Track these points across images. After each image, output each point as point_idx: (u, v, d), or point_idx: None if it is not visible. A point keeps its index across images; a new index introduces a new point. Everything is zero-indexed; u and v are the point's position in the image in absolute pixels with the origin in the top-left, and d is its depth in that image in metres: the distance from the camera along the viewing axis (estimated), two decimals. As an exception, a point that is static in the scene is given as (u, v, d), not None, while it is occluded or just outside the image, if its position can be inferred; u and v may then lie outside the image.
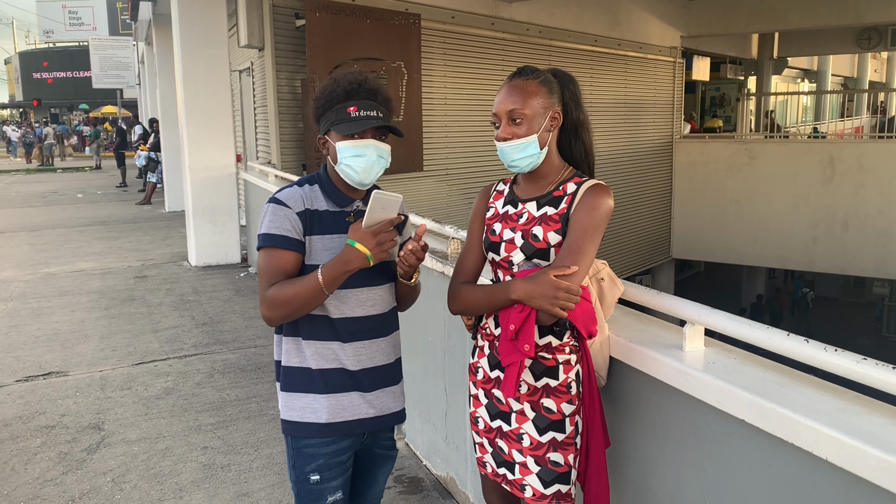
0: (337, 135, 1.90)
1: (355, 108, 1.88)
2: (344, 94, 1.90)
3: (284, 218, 1.88)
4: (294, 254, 1.88)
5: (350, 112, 1.88)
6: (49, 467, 3.62)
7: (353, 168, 1.89)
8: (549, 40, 10.70)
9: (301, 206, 1.91)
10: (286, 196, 1.92)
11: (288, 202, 1.90)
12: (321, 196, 1.95)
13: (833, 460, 1.42)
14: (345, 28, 7.90)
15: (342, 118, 1.88)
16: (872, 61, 30.35)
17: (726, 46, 16.93)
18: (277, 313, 1.86)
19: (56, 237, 10.49)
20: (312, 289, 1.82)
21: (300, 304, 1.84)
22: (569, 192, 1.86)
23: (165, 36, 12.76)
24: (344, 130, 1.88)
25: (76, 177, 21.93)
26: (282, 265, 1.87)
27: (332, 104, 1.91)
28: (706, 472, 1.77)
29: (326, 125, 1.92)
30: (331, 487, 1.97)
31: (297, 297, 1.83)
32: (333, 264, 1.82)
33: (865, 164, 12.04)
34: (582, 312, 1.78)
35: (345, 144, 1.88)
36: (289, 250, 1.87)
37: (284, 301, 1.83)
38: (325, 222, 1.92)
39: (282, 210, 1.89)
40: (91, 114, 40.68)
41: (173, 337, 5.73)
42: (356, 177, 1.91)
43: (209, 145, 8.38)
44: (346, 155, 1.89)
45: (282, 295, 1.83)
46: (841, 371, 1.55)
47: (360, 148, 1.88)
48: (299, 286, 1.83)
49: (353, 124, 1.87)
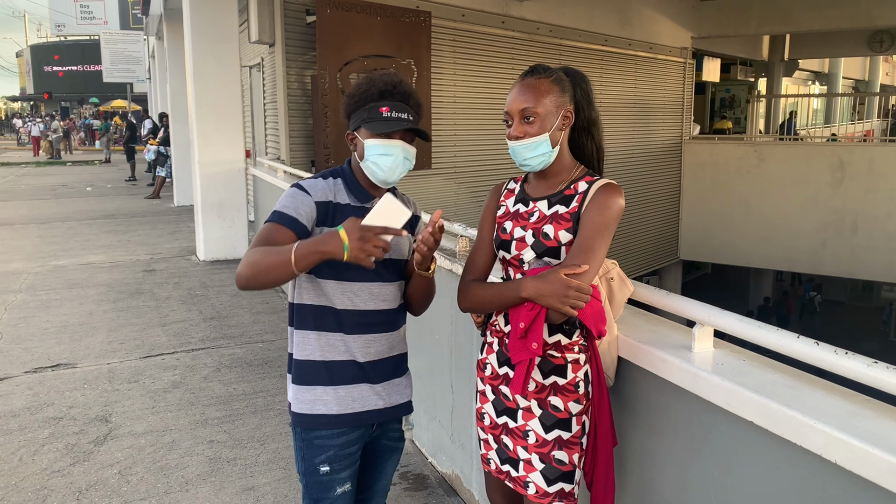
0: (367, 132, 1.93)
1: (388, 108, 1.91)
2: (378, 94, 1.93)
3: (301, 202, 1.90)
4: (293, 235, 1.86)
5: (382, 112, 1.91)
6: (56, 458, 3.64)
7: (379, 166, 1.92)
8: (559, 39, 10.69)
9: (322, 197, 1.93)
10: (309, 184, 1.96)
11: (310, 190, 1.93)
12: (343, 190, 1.98)
13: (842, 464, 1.41)
14: (355, 25, 7.91)
15: (374, 117, 1.91)
16: (884, 64, 30.19)
17: (737, 48, 16.88)
18: (245, 271, 1.80)
19: (65, 230, 10.54)
20: (282, 260, 1.75)
21: (264, 269, 1.78)
22: (580, 190, 1.86)
23: (176, 31, 12.80)
24: (374, 129, 1.91)
25: (85, 170, 22.02)
26: (275, 238, 1.84)
27: (365, 102, 1.94)
28: (713, 473, 1.77)
29: (357, 122, 1.95)
30: (340, 479, 1.99)
31: (264, 261, 1.78)
32: (309, 242, 1.76)
33: (876, 167, 11.98)
34: (592, 311, 1.78)
35: (373, 142, 1.91)
36: (290, 229, 1.87)
37: (253, 261, 1.79)
38: (346, 215, 1.91)
39: (301, 195, 1.92)
40: (101, 108, 40.85)
41: (181, 331, 5.75)
42: (381, 175, 1.94)
43: (218, 140, 8.40)
44: (373, 152, 1.92)
45: (253, 256, 1.80)
46: (851, 374, 1.54)
47: (389, 147, 1.91)
48: (272, 253, 1.78)
49: (383, 123, 1.90)
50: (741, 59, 18.40)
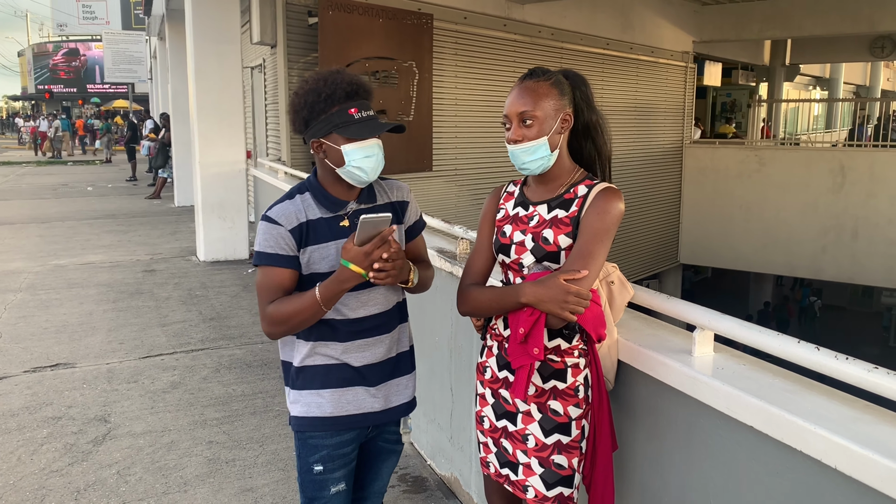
0: (341, 138, 1.87)
1: (356, 109, 1.87)
2: (345, 96, 1.87)
3: (277, 236, 1.88)
4: (288, 270, 1.90)
5: (352, 114, 1.86)
6: (55, 458, 3.64)
7: (362, 169, 1.89)
8: (560, 43, 10.69)
9: (294, 223, 1.89)
10: (277, 214, 1.90)
11: (279, 220, 1.89)
12: (313, 204, 1.93)
13: (842, 469, 1.41)
14: (357, 27, 7.92)
15: (348, 121, 1.86)
16: (885, 70, 30.19)
17: (738, 52, 16.90)
18: (278, 329, 1.90)
19: (65, 229, 10.54)
20: (310, 306, 1.85)
21: (300, 321, 1.88)
22: (580, 194, 1.86)
23: (178, 31, 12.82)
24: (353, 134, 1.86)
25: (86, 170, 22.02)
26: (277, 282, 1.89)
27: (331, 107, 1.87)
28: (713, 477, 1.77)
29: (326, 128, 1.87)
30: (333, 478, 2.00)
31: (296, 314, 1.86)
32: (329, 284, 1.84)
33: (877, 172, 11.98)
34: (591, 316, 1.78)
35: (353, 147, 1.87)
36: (282, 267, 1.89)
37: (284, 318, 1.87)
38: (320, 231, 1.91)
39: (274, 229, 1.88)
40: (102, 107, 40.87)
41: (180, 331, 5.74)
42: (365, 177, 1.91)
43: (220, 141, 8.40)
44: (355, 157, 1.87)
45: (281, 312, 1.87)
46: (851, 380, 1.54)
47: (369, 149, 1.88)
48: (297, 303, 1.86)
49: (362, 127, 1.86)
50: (742, 64, 18.43)
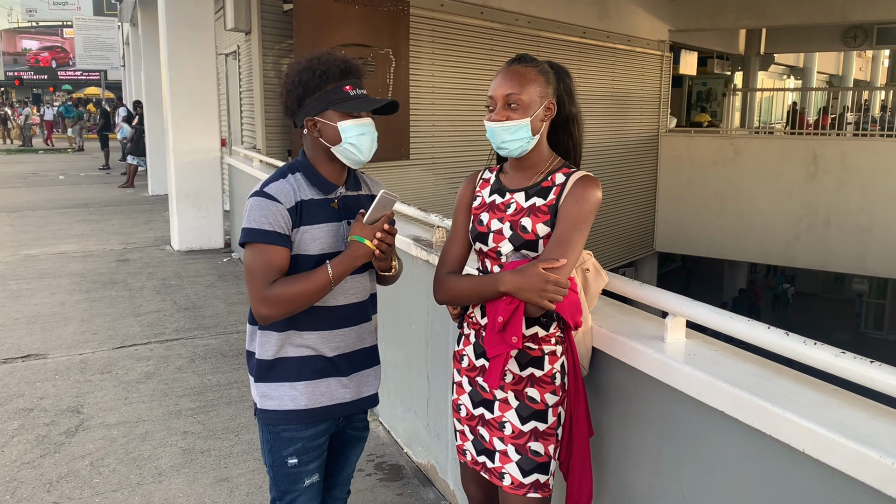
0: (337, 114, 1.86)
1: (351, 86, 1.87)
2: (339, 74, 1.87)
3: (276, 214, 1.83)
4: (285, 250, 1.85)
5: (348, 91, 1.86)
6: (26, 450, 3.59)
7: (357, 147, 1.88)
8: (537, 31, 10.68)
9: (292, 201, 1.86)
10: (276, 190, 1.86)
11: (279, 197, 1.85)
12: (305, 185, 1.91)
13: (810, 452, 1.43)
14: (333, 13, 7.84)
15: (343, 97, 1.86)
16: (858, 59, 30.55)
17: (714, 41, 17.00)
18: (280, 310, 1.83)
19: (37, 219, 10.38)
20: (322, 284, 1.83)
21: (307, 300, 1.84)
22: (557, 182, 1.86)
23: (151, 17, 12.60)
24: (349, 109, 1.86)
25: (58, 158, 21.66)
26: (277, 262, 1.83)
27: (326, 84, 1.86)
28: (685, 462, 1.79)
29: (322, 104, 1.86)
30: (308, 470, 1.98)
31: (305, 293, 1.82)
32: (344, 260, 1.84)
33: (848, 161, 12.14)
34: (569, 303, 1.78)
35: (349, 123, 1.86)
36: (281, 246, 1.84)
37: (291, 298, 1.81)
38: (313, 212, 1.90)
39: (274, 205, 1.83)
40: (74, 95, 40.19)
41: (155, 321, 5.69)
42: (360, 157, 1.90)
43: (194, 129, 8.30)
44: (351, 134, 1.87)
45: (288, 293, 1.81)
46: (820, 364, 1.56)
47: (364, 126, 1.88)
48: (307, 282, 1.82)
49: (358, 102, 1.86)
50: (718, 53, 18.54)
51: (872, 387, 1.47)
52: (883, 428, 1.41)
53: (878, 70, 30.81)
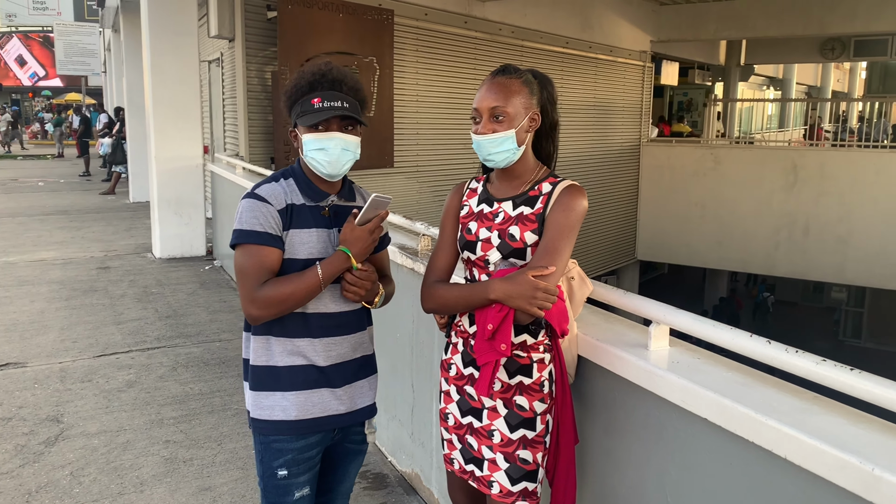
0: (303, 127, 1.89)
1: (319, 99, 1.86)
2: (308, 86, 1.88)
3: (266, 214, 1.85)
4: (278, 251, 1.87)
5: (314, 103, 1.86)
6: (5, 460, 3.55)
7: (318, 161, 1.89)
8: (521, 41, 10.75)
9: (282, 203, 1.89)
10: (267, 192, 1.89)
11: (270, 199, 1.88)
12: (296, 190, 1.94)
13: (792, 459, 1.45)
14: (317, 21, 7.85)
15: (307, 109, 1.87)
16: (836, 71, 31.00)
17: (695, 52, 17.18)
18: (270, 311, 1.84)
19: (16, 226, 10.26)
20: (312, 285, 1.84)
21: (296, 302, 1.85)
22: (544, 191, 1.88)
23: (133, 23, 12.54)
24: (307, 122, 1.87)
25: (37, 164, 21.43)
26: (269, 263, 1.85)
27: (299, 96, 1.90)
28: (668, 469, 1.80)
29: (294, 117, 1.91)
30: (298, 483, 1.96)
31: (296, 294, 1.84)
32: (334, 261, 1.86)
33: (827, 171, 12.29)
34: (557, 311, 1.80)
35: (309, 137, 1.88)
36: (272, 247, 1.85)
37: (281, 299, 1.83)
38: (302, 216, 1.91)
39: (264, 206, 1.86)
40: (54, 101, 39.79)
41: (136, 329, 5.64)
42: (323, 169, 1.90)
43: (176, 136, 8.25)
44: (310, 147, 1.88)
45: (278, 293, 1.82)
46: (801, 372, 1.58)
47: (323, 140, 1.87)
48: (297, 283, 1.84)
49: (315, 115, 1.86)
50: (699, 64, 18.75)
51: (852, 394, 1.49)
52: (863, 434, 1.43)
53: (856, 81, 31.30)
